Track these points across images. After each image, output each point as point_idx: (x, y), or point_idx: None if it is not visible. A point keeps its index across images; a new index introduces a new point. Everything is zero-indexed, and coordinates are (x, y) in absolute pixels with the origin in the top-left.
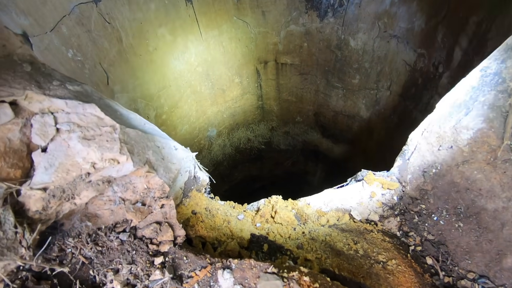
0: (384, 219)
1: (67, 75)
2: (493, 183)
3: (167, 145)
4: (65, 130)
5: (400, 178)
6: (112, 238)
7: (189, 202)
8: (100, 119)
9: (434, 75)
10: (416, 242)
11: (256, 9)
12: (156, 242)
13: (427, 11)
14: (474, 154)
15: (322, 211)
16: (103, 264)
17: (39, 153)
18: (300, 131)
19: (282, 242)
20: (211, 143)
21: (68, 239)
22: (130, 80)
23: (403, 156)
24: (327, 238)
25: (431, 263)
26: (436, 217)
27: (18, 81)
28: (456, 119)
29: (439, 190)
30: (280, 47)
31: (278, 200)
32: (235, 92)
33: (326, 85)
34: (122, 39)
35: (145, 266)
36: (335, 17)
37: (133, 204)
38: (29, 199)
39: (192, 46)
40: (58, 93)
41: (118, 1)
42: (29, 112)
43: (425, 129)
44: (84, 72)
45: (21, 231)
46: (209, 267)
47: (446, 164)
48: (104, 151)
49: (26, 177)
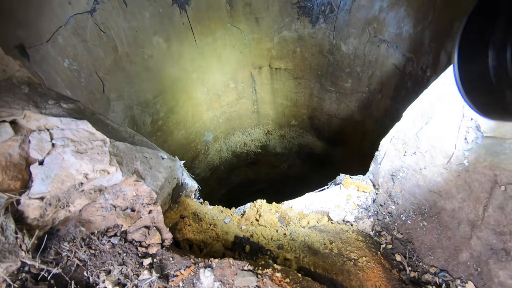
0: (359, 220)
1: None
2: (450, 185)
3: (155, 155)
4: (60, 145)
5: (374, 182)
6: (104, 242)
7: (177, 207)
8: (92, 134)
9: (423, 79)
10: (387, 241)
11: (250, 16)
12: (145, 245)
13: (414, 16)
14: (433, 159)
15: (304, 213)
16: (96, 266)
17: (37, 166)
18: (295, 135)
19: (265, 243)
20: (208, 148)
21: (63, 243)
22: (126, 88)
23: (376, 161)
24: (306, 239)
25: (399, 259)
26: (405, 217)
27: (17, 102)
28: (419, 127)
29: (406, 192)
30: (274, 53)
31: (263, 203)
32: (230, 97)
33: (320, 89)
34: (117, 48)
35: (135, 267)
36: (327, 22)
37: (123, 210)
38: (28, 208)
39: (187, 53)
40: (53, 111)
41: (113, 11)
42: (27, 129)
43: (393, 136)
44: (80, 81)
45: (21, 236)
46: (193, 267)
47: (412, 169)
48: (95, 163)
49: (25, 187)
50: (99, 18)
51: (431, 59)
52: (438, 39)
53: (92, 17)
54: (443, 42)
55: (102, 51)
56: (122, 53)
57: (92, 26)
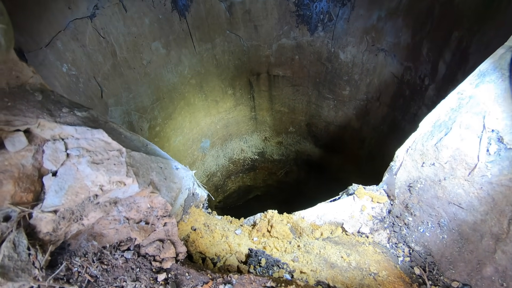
0: (374, 232)
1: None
2: (471, 197)
3: (169, 165)
4: (75, 155)
5: (389, 192)
6: (117, 256)
7: (188, 218)
8: (108, 143)
9: (421, 87)
10: (404, 253)
11: (249, 23)
12: (159, 259)
13: (412, 26)
14: (454, 170)
15: (316, 224)
16: (108, 282)
17: (50, 177)
18: (293, 141)
19: (279, 255)
20: (205, 154)
21: (75, 258)
22: (124, 93)
23: (391, 171)
24: (321, 251)
25: (418, 273)
26: (423, 229)
27: (31, 110)
28: (437, 138)
29: (424, 204)
30: (272, 60)
31: (274, 214)
32: (228, 104)
33: (318, 96)
34: (116, 53)
35: (149, 282)
36: (325, 31)
37: (137, 223)
38: (41, 222)
39: (185, 59)
40: (68, 120)
41: (112, 17)
42: (41, 139)
43: (409, 146)
44: (79, 86)
45: (34, 253)
46: (211, 283)
47: (430, 180)
48: (111, 174)
49: (37, 200)
50: (99, 23)
51: (429, 68)
52: (436, 49)
53: (92, 22)
54: (441, 52)
55: (101, 56)
56: (121, 58)
57: (91, 31)
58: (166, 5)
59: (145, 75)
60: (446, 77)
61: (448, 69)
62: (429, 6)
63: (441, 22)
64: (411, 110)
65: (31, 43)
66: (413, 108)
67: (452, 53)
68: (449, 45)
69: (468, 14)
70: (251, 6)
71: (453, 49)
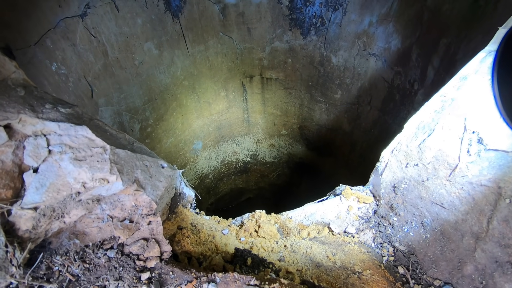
0: (360, 232)
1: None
2: (453, 197)
3: (155, 164)
4: (57, 152)
5: (375, 193)
6: (100, 255)
7: (175, 217)
8: (91, 140)
9: (410, 92)
10: (389, 253)
11: (242, 25)
12: (143, 258)
13: (402, 32)
14: (436, 171)
15: (303, 224)
16: (90, 281)
17: (31, 173)
18: (285, 144)
19: (265, 255)
20: (197, 156)
21: (56, 257)
22: (115, 94)
23: (376, 172)
24: (308, 251)
25: (402, 272)
26: (407, 229)
27: (13, 105)
28: (421, 139)
29: (408, 204)
30: (265, 62)
31: (262, 214)
32: (221, 106)
33: (310, 100)
34: (107, 53)
35: (132, 282)
36: (318, 35)
37: (121, 221)
38: (20, 219)
39: (178, 60)
40: (50, 116)
41: (104, 16)
42: (22, 134)
43: (394, 147)
44: (68, 86)
45: (11, 250)
46: (195, 281)
47: (414, 180)
48: (95, 171)
49: (17, 197)
50: (90, 23)
51: (418, 73)
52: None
53: (83, 21)
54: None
55: (92, 55)
56: (113, 58)
57: (82, 30)
58: (159, 6)
59: (137, 76)
60: (434, 82)
61: (436, 74)
62: (418, 13)
63: (430, 28)
64: (401, 114)
65: (19, 41)
66: (403, 113)
67: (440, 58)
68: (438, 51)
69: (455, 21)
70: (245, 8)
71: (441, 55)
